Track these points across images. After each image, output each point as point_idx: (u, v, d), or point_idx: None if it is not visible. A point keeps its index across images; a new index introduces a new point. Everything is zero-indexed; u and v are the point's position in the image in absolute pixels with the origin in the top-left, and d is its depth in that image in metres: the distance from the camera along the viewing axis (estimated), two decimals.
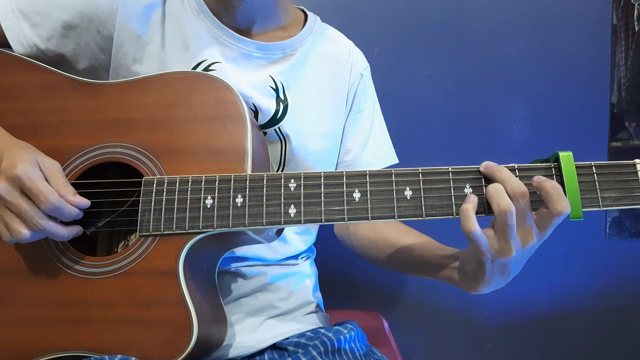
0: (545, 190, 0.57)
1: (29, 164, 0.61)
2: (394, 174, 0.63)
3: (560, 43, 1.20)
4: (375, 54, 1.17)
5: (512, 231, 0.58)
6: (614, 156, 1.20)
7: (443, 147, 1.20)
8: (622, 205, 0.60)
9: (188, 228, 0.64)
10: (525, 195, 0.57)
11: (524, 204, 0.57)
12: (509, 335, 1.21)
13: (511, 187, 0.58)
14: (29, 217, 0.60)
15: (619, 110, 1.20)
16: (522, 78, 1.20)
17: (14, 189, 0.60)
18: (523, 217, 0.58)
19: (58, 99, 0.72)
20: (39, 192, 0.60)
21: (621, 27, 1.20)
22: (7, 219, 0.61)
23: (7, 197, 0.60)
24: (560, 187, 0.57)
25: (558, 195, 0.57)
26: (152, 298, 0.63)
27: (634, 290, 1.21)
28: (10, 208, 0.61)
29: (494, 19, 1.20)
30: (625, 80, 1.19)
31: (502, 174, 0.59)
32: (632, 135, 1.20)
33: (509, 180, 0.59)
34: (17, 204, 0.60)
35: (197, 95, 0.70)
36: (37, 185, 0.60)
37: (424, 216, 0.62)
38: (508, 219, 0.57)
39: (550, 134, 1.20)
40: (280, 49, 0.83)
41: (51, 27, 0.75)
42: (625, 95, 1.20)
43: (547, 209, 0.57)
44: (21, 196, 0.61)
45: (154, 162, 0.68)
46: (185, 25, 0.79)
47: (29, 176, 0.60)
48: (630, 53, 1.19)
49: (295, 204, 0.64)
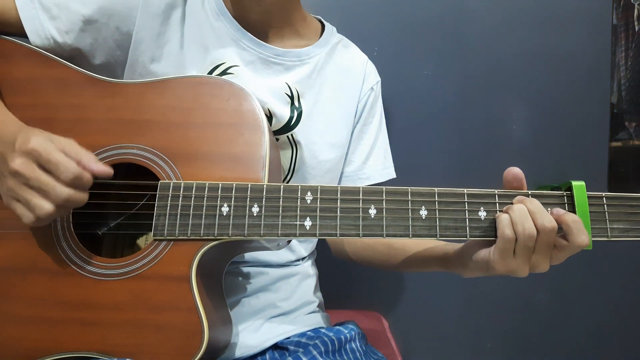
0: (566, 223, 0.59)
1: (42, 138, 0.59)
2: (411, 193, 0.64)
3: (560, 43, 1.20)
4: (375, 54, 1.16)
5: (529, 254, 0.60)
6: (614, 156, 1.20)
7: (443, 147, 1.20)
8: (630, 237, 0.62)
9: (203, 235, 0.64)
10: (554, 230, 0.59)
11: (550, 238, 0.59)
12: (509, 335, 1.22)
13: (541, 220, 0.59)
14: (51, 188, 0.58)
15: (619, 110, 1.21)
16: (522, 78, 1.21)
17: (32, 163, 0.58)
18: (547, 248, 0.59)
19: (73, 96, 0.71)
20: (57, 163, 0.58)
21: (621, 27, 1.20)
22: (27, 196, 0.59)
23: (25, 172, 0.58)
24: (580, 221, 0.59)
25: (579, 229, 0.58)
26: (164, 303, 0.63)
27: (634, 290, 1.22)
28: (30, 183, 0.58)
29: (494, 19, 1.20)
30: (625, 80, 1.20)
31: (534, 205, 0.60)
32: (632, 135, 1.21)
33: (540, 212, 0.60)
34: (37, 176, 0.58)
35: (217, 101, 0.69)
36: (55, 155, 0.58)
37: (438, 237, 0.63)
38: (528, 241, 0.59)
39: (550, 133, 1.21)
40: (297, 57, 0.83)
41: (70, 20, 0.74)
42: (625, 95, 1.20)
43: (568, 242, 0.59)
44: (40, 170, 0.58)
45: (170, 166, 0.67)
46: (205, 26, 0.79)
47: (45, 148, 0.58)
48: (630, 53, 1.20)
49: (311, 217, 0.64)
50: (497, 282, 1.19)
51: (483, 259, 0.63)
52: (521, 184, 0.64)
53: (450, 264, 0.72)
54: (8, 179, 0.59)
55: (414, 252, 0.80)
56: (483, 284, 1.19)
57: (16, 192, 0.59)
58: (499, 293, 1.21)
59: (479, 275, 0.67)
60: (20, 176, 0.58)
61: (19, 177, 0.58)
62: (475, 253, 0.64)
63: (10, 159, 0.59)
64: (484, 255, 0.63)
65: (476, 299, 1.21)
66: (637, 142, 1.21)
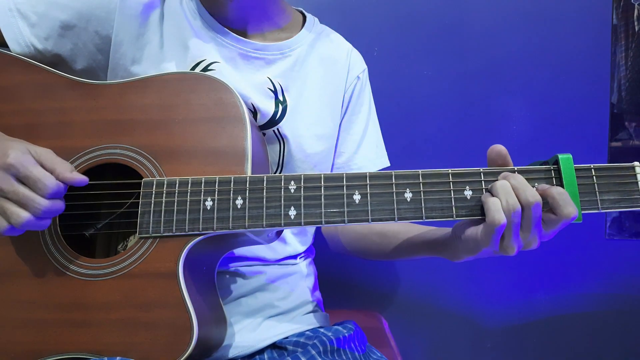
0: (552, 196, 0.58)
1: (20, 152, 0.60)
2: (394, 176, 0.63)
3: (560, 43, 1.20)
4: (375, 54, 1.17)
5: (516, 231, 0.58)
6: (614, 156, 1.20)
7: (443, 147, 1.20)
8: (621, 207, 0.61)
9: (188, 230, 0.64)
10: (539, 205, 0.58)
11: (536, 213, 0.58)
12: (509, 335, 1.22)
13: (525, 195, 0.58)
14: (30, 200, 0.59)
15: (619, 110, 1.20)
16: (522, 78, 1.20)
17: (9, 177, 0.59)
18: (534, 224, 0.58)
19: (55, 100, 0.71)
20: (35, 179, 0.59)
21: (621, 27, 1.20)
22: (4, 205, 0.59)
23: (3, 186, 0.59)
24: (566, 192, 0.58)
25: (565, 200, 0.57)
26: (152, 300, 0.63)
27: (633, 290, 1.21)
28: (8, 196, 0.59)
29: (494, 19, 1.20)
30: (625, 80, 1.20)
31: (517, 180, 0.59)
32: (632, 135, 1.20)
33: (524, 187, 0.58)
34: (15, 190, 0.59)
35: (197, 96, 0.69)
36: (32, 171, 0.59)
37: (424, 218, 0.62)
38: (514, 218, 0.57)
39: (550, 134, 1.21)
40: (278, 50, 0.83)
41: (49, 26, 0.74)
42: (625, 95, 1.20)
43: (555, 215, 0.58)
44: (17, 183, 0.59)
45: (154, 164, 0.67)
46: (184, 25, 0.79)
47: (22, 163, 0.59)
48: (630, 53, 1.19)
49: (295, 206, 0.64)
50: (497, 282, 1.20)
51: (471, 237, 0.62)
52: (505, 160, 0.63)
53: (440, 247, 0.71)
54: None
55: (406, 238, 0.79)
56: (483, 283, 1.20)
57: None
58: (499, 293, 1.21)
59: (468, 256, 0.65)
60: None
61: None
62: (463, 232, 0.63)
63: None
64: (472, 234, 0.62)
65: (476, 299, 1.20)
66: (637, 142, 1.20)
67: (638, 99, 1.20)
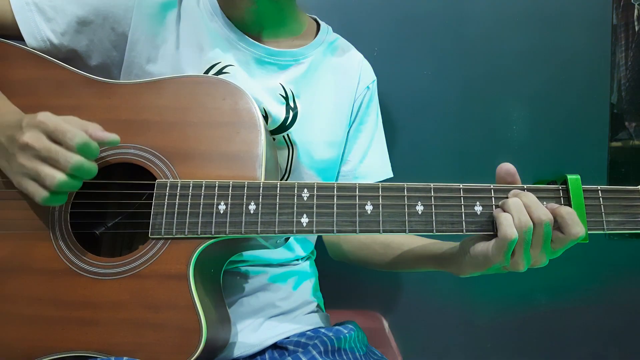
0: (561, 215, 0.59)
1: (48, 113, 0.61)
2: (407, 189, 0.64)
3: (560, 43, 1.21)
4: (375, 54, 1.16)
5: (527, 248, 0.60)
6: (614, 156, 1.20)
7: (443, 147, 1.20)
8: (626, 229, 0.63)
9: (200, 233, 0.64)
10: (551, 222, 0.59)
11: (547, 230, 0.59)
12: (509, 335, 1.22)
13: (537, 212, 0.59)
14: (61, 155, 0.59)
15: (619, 110, 1.21)
16: (522, 78, 1.21)
17: (40, 134, 0.59)
18: (545, 242, 0.60)
19: (71, 97, 0.71)
20: (65, 130, 0.59)
21: (621, 27, 1.20)
22: (38, 168, 0.59)
23: (35, 143, 0.59)
24: (574, 212, 0.59)
25: (573, 220, 0.59)
26: (162, 301, 0.63)
27: (634, 290, 1.22)
28: (40, 154, 0.59)
29: (494, 19, 1.20)
30: (625, 80, 1.20)
31: (529, 198, 0.61)
32: (632, 135, 1.21)
33: (536, 205, 0.60)
34: (46, 146, 0.59)
35: (213, 100, 0.70)
36: (62, 125, 0.60)
37: (435, 232, 0.63)
38: (525, 234, 0.59)
39: (550, 134, 1.21)
40: (292, 56, 0.84)
41: (66, 22, 0.74)
42: (625, 95, 1.20)
43: (563, 234, 0.59)
44: (48, 139, 0.60)
45: (167, 165, 0.68)
46: (200, 26, 0.79)
47: (51, 119, 0.60)
48: (630, 53, 1.20)
49: (307, 214, 0.64)
50: (497, 282, 1.19)
51: (481, 252, 0.63)
52: (514, 178, 0.64)
53: (446, 262, 0.72)
54: (18, 155, 0.60)
55: (410, 250, 0.80)
56: (483, 284, 1.19)
57: (26, 167, 0.60)
58: (499, 293, 1.21)
59: (474, 271, 0.66)
60: (29, 149, 0.59)
61: (29, 150, 0.60)
62: (472, 247, 0.64)
63: (19, 135, 0.60)
64: (482, 249, 0.63)
65: (476, 299, 1.21)
66: (637, 142, 1.21)
67: (638, 99, 1.20)
